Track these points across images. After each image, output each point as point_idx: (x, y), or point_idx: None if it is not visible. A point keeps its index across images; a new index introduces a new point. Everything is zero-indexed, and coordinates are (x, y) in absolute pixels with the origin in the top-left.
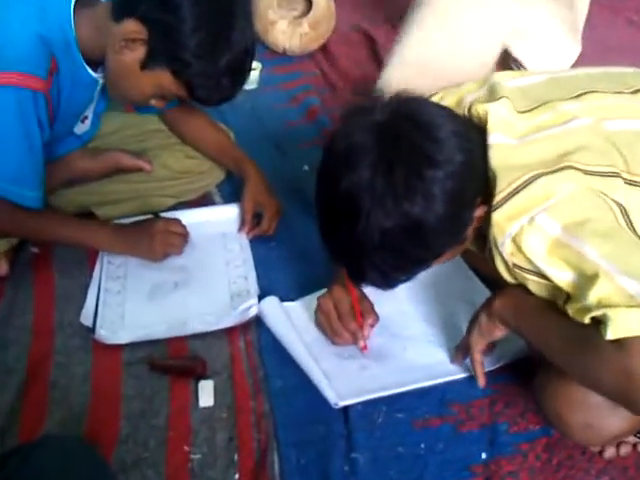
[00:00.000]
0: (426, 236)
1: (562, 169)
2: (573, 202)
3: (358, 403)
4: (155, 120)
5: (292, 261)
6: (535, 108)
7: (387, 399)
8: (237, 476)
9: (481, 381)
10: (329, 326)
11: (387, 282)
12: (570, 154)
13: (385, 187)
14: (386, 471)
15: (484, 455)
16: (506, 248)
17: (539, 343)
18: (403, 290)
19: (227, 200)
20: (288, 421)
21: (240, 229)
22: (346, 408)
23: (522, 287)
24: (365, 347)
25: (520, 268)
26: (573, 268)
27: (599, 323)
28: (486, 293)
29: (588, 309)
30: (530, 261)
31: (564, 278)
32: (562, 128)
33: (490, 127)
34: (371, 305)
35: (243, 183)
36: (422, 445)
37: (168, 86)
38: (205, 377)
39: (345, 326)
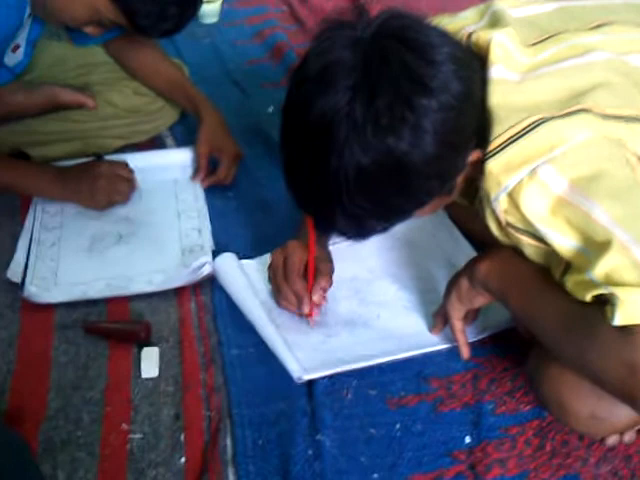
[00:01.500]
0: (410, 180)
1: (574, 112)
2: (584, 153)
3: (324, 377)
4: (101, 52)
5: (252, 214)
6: (544, 40)
7: (357, 373)
8: (183, 460)
9: (464, 351)
10: (274, 284)
11: (360, 231)
12: (585, 94)
13: (365, 115)
14: (356, 456)
15: (468, 439)
16: (500, 204)
17: (528, 319)
18: (376, 249)
19: (180, 144)
20: (244, 396)
21: (194, 176)
22: (311, 383)
23: (514, 250)
24: (311, 315)
25: (514, 228)
26: (579, 233)
27: (603, 303)
28: (471, 254)
29: (592, 285)
30: (527, 221)
31: (566, 244)
32: (575, 62)
33: (492, 58)
34: (330, 268)
35: (198, 125)
36: (397, 426)
37: (104, 11)
38: (149, 344)
39: (291, 285)
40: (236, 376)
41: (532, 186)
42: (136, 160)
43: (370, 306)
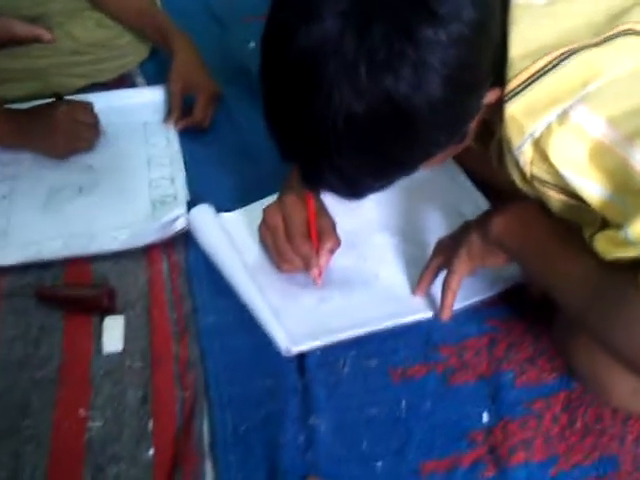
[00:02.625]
0: (413, 130)
1: (612, 38)
2: (625, 85)
3: (317, 348)
4: None
5: (233, 160)
6: None
7: (355, 342)
8: (151, 452)
9: (445, 314)
10: (275, 247)
11: (352, 190)
12: (625, 12)
13: (358, 49)
14: (356, 441)
15: (485, 417)
16: (524, 154)
17: (548, 283)
18: (373, 198)
19: (152, 83)
20: (223, 372)
21: (166, 118)
22: (302, 355)
23: (537, 203)
24: (319, 277)
25: (541, 181)
26: (616, 182)
27: (637, 268)
28: (481, 202)
29: (626, 244)
30: (557, 172)
31: (601, 196)
32: None
33: None
34: (332, 223)
35: (170, 60)
36: (403, 404)
37: None
38: (113, 312)
39: (295, 249)
40: (214, 348)
41: (562, 131)
42: (100, 100)
43: (368, 263)
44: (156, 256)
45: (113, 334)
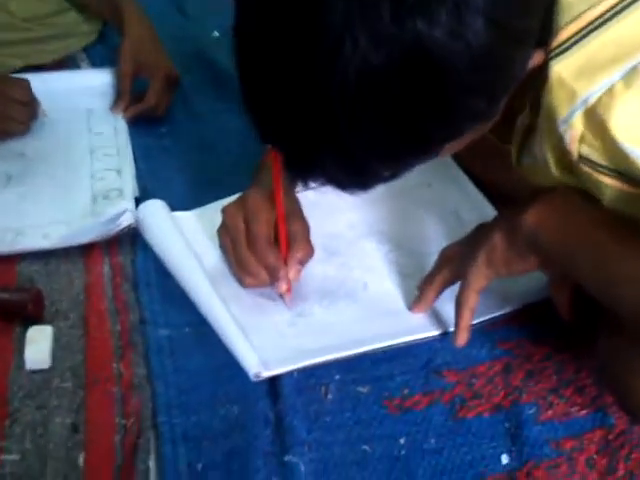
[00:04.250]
0: (445, 91)
1: None
2: None
3: (293, 370)
4: None
5: (189, 155)
6: None
7: (341, 364)
8: None
9: (461, 337)
10: (234, 255)
11: (356, 179)
12: None
13: None
14: None
15: (505, 459)
16: (573, 128)
17: (603, 286)
18: (356, 199)
19: None
20: (176, 398)
21: (114, 104)
22: (274, 377)
23: (578, 192)
24: (289, 292)
25: (592, 164)
26: None
27: None
28: (484, 206)
29: None
30: (616, 151)
31: None
32: None
33: None
34: (306, 228)
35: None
36: (402, 440)
37: None
38: (39, 321)
39: (259, 258)
40: (165, 367)
41: (631, 96)
42: (38, 82)
43: (354, 272)
44: (96, 257)
45: (39, 347)
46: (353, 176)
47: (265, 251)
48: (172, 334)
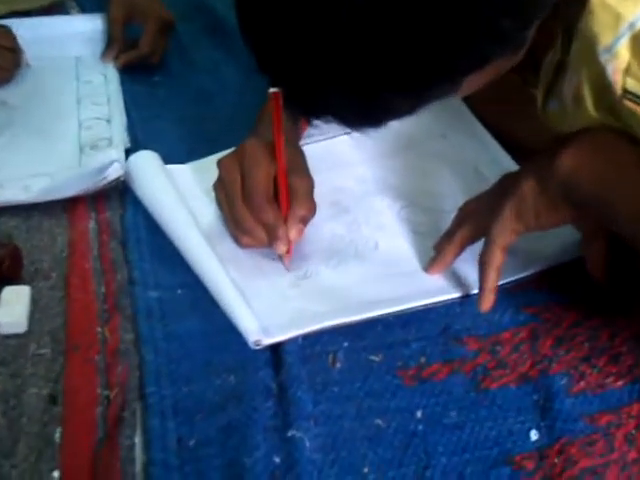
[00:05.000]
0: (473, 5)
1: None
2: None
3: (297, 337)
4: None
5: (186, 105)
6: None
7: (349, 330)
8: (57, 474)
9: (486, 302)
10: (229, 212)
11: (367, 111)
12: None
13: None
14: (353, 464)
15: (534, 435)
16: (617, 58)
17: None
18: (366, 152)
19: None
20: (167, 366)
21: (105, 52)
22: (277, 346)
23: (618, 132)
24: (289, 254)
25: (638, 99)
26: None
27: None
28: (506, 162)
29: None
30: None
31: None
32: None
33: None
34: (310, 183)
35: None
36: (418, 414)
37: None
38: (16, 280)
39: (256, 215)
40: (155, 332)
41: None
42: (24, 28)
43: (363, 230)
44: (81, 212)
45: (14, 310)
46: (363, 110)
47: (262, 207)
48: (163, 296)
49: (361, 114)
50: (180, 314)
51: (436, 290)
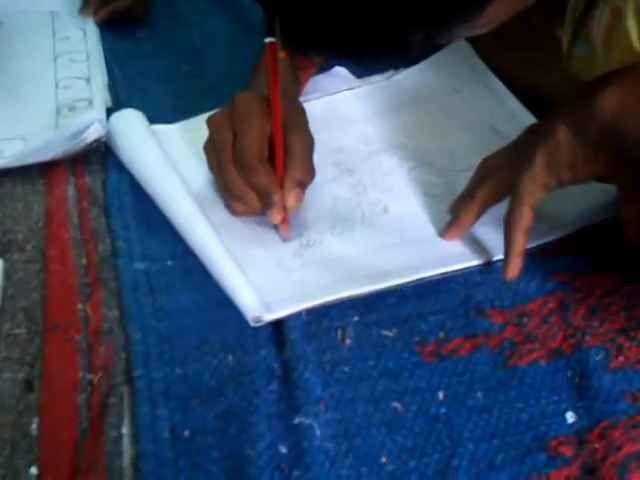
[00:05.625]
0: None
1: None
2: None
3: (300, 311)
4: None
5: (173, 62)
6: None
7: (359, 302)
8: (35, 471)
9: (513, 268)
10: (219, 175)
11: (382, 45)
12: None
13: None
14: (369, 453)
15: (571, 418)
16: None
17: None
18: (372, 108)
19: None
20: (157, 346)
21: (83, 6)
22: (280, 322)
23: None
24: (285, 224)
25: None
26: None
27: None
28: (524, 117)
29: None
30: None
31: None
32: None
33: None
34: (309, 142)
35: None
36: (440, 395)
37: None
38: None
39: (248, 178)
40: (142, 308)
41: None
42: None
43: (370, 193)
44: (59, 178)
45: None
46: (375, 41)
47: (255, 169)
48: (151, 268)
49: (371, 49)
50: (170, 288)
51: (454, 257)
